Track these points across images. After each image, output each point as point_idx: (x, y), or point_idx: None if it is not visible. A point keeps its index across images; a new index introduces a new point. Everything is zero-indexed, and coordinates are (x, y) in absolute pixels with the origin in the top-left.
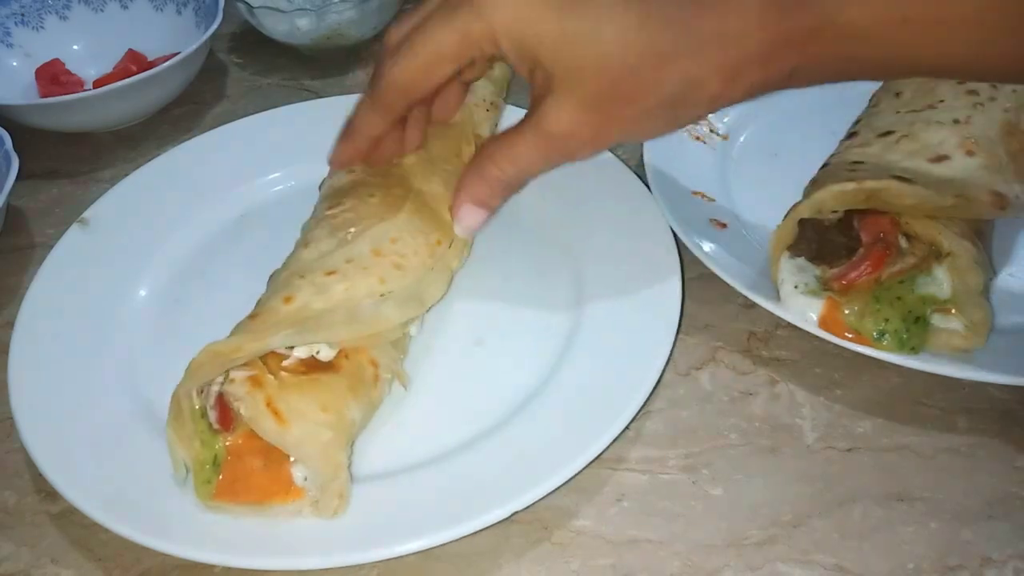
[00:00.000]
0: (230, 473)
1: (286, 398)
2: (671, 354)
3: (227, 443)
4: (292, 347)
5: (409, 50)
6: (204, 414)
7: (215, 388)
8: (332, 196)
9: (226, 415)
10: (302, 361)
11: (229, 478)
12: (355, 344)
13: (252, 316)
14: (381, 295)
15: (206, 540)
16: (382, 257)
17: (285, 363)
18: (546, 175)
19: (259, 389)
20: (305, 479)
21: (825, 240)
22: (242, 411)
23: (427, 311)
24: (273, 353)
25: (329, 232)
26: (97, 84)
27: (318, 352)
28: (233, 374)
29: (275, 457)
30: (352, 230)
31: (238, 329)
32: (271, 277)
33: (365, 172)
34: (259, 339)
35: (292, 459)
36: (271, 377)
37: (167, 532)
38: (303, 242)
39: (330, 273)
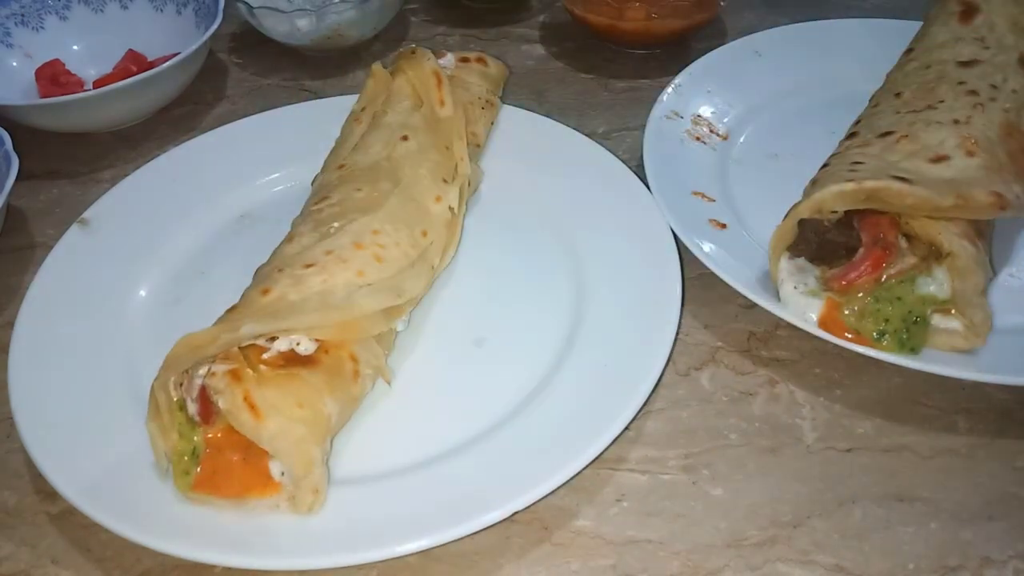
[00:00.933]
0: (210, 466)
1: (263, 392)
2: (671, 354)
3: (208, 436)
4: (273, 339)
5: None
6: (182, 406)
7: (197, 381)
8: (320, 191)
9: (207, 408)
10: (282, 354)
11: (208, 471)
12: (335, 337)
13: (231, 309)
14: (359, 288)
15: (206, 540)
16: (363, 249)
17: (265, 356)
18: (545, 175)
19: (238, 383)
20: (283, 474)
21: (825, 240)
22: (221, 404)
23: (409, 306)
24: (255, 346)
25: (313, 226)
26: (97, 84)
27: (298, 344)
28: (215, 368)
29: (254, 451)
30: (336, 224)
31: (217, 321)
32: (256, 272)
33: (354, 167)
34: (232, 329)
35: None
36: (250, 371)
37: (167, 532)
38: (288, 237)
39: (308, 265)
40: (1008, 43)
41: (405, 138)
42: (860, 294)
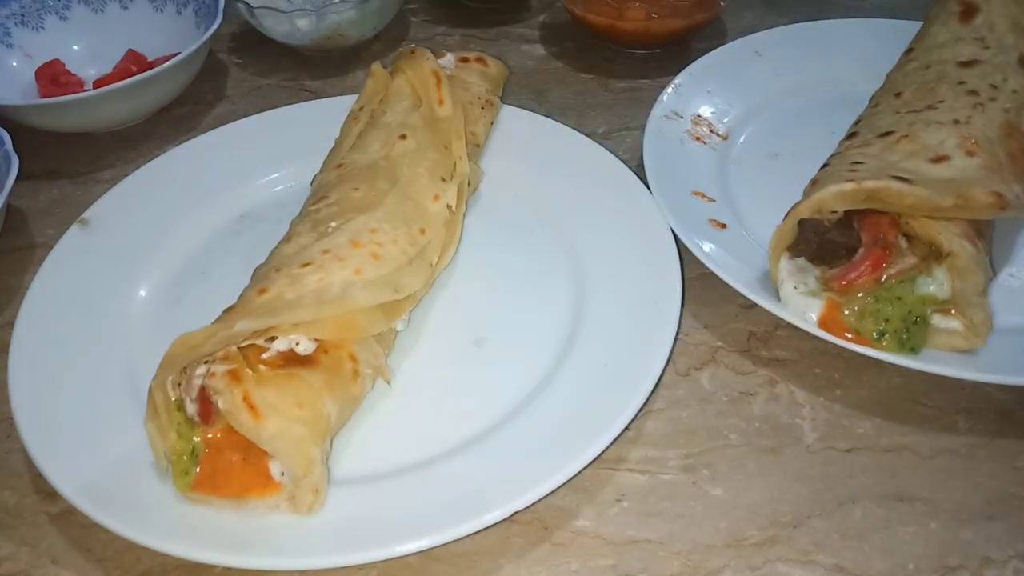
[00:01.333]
0: (209, 466)
1: (263, 393)
2: (671, 354)
3: (207, 436)
4: (272, 339)
5: None
6: (180, 406)
7: (196, 381)
8: (319, 191)
9: (207, 408)
10: (281, 354)
11: (208, 471)
12: (334, 336)
13: (228, 309)
14: (355, 284)
15: (206, 540)
16: (360, 248)
17: (264, 356)
18: (545, 175)
19: (237, 383)
20: (282, 474)
21: (825, 240)
22: (220, 404)
23: (409, 305)
24: (254, 346)
25: (311, 226)
26: (97, 84)
27: (297, 344)
28: (214, 368)
29: (254, 451)
30: (333, 223)
31: (214, 321)
32: (254, 272)
33: (352, 167)
34: (227, 327)
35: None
36: (249, 371)
37: (167, 532)
38: (286, 237)
39: (305, 265)
40: (1008, 43)
41: (403, 137)
42: (860, 294)
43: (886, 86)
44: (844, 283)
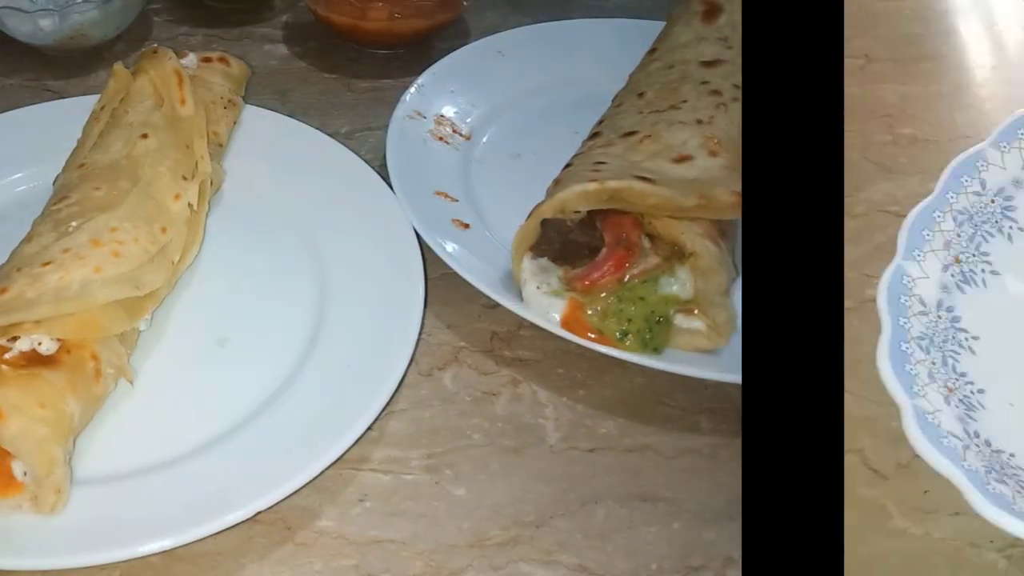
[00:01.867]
0: None
1: (4, 393)
2: (413, 354)
3: None
4: (15, 339)
5: None
6: None
7: None
8: (60, 191)
9: None
10: (24, 355)
11: None
12: (76, 336)
13: None
14: (95, 281)
15: None
16: (101, 246)
17: (6, 356)
18: (288, 175)
19: None
20: (25, 474)
21: (568, 240)
22: None
23: (152, 304)
24: None
25: (52, 226)
26: None
27: (40, 344)
28: None
29: None
30: (74, 223)
31: None
32: None
33: (94, 166)
34: None
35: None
36: None
37: None
38: (28, 237)
39: (46, 264)
40: None
41: (145, 136)
42: (603, 294)
43: (629, 86)
44: (587, 283)
